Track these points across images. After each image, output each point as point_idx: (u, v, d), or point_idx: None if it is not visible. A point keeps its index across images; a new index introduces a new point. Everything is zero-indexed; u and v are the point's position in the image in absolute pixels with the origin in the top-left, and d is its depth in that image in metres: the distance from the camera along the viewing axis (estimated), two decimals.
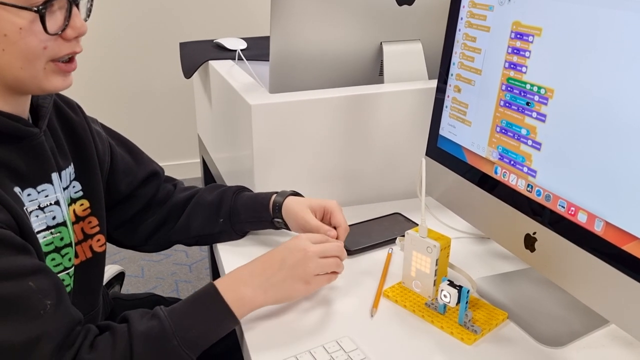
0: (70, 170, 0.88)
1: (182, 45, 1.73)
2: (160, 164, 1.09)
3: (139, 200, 1.02)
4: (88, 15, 0.80)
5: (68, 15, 0.74)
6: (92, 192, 0.91)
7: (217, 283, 0.79)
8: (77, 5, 0.76)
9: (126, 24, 2.96)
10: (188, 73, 1.56)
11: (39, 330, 0.68)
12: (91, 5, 0.80)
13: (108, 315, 1.06)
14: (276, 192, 1.02)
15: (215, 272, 1.81)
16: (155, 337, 0.73)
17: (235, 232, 1.03)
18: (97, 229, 0.93)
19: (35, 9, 0.70)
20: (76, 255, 0.89)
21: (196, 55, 1.57)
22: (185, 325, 0.75)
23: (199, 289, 0.80)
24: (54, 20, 0.73)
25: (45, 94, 0.83)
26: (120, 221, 1.02)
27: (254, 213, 1.01)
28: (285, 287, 0.80)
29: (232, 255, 1.00)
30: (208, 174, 1.74)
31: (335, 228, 0.95)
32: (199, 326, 0.75)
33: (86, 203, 0.91)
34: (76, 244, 0.89)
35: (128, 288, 2.35)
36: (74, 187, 0.89)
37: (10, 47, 0.71)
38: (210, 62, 1.47)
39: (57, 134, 0.87)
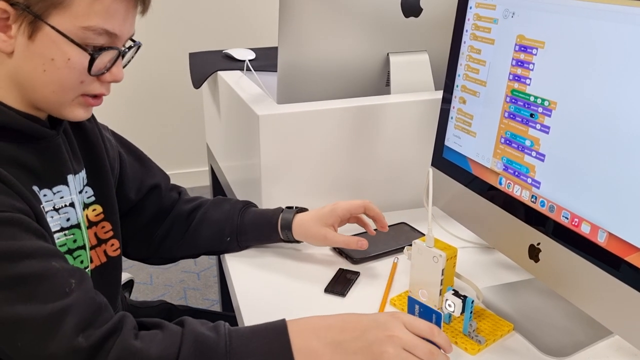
0: (83, 175, 0.89)
1: (192, 56, 1.75)
2: (170, 172, 1.10)
3: (146, 211, 1.03)
4: (127, 63, 0.84)
5: (112, 63, 0.79)
6: (104, 197, 0.92)
7: (290, 323, 0.74)
8: (123, 56, 0.81)
9: (136, 34, 2.99)
10: (197, 83, 1.58)
11: (64, 305, 0.68)
12: (133, 56, 0.84)
13: None
14: (282, 209, 1.02)
15: (223, 280, 1.82)
16: (207, 348, 0.71)
17: (241, 248, 1.05)
18: (111, 233, 0.94)
19: (90, 50, 0.75)
20: (91, 260, 0.90)
21: (205, 66, 1.59)
22: (241, 351, 0.72)
23: (270, 321, 0.76)
24: (99, 63, 0.77)
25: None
26: (133, 233, 1.03)
27: (261, 232, 1.02)
28: (354, 359, 0.72)
29: (240, 265, 1.02)
30: (216, 182, 1.75)
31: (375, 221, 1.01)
32: (254, 358, 0.72)
33: (99, 208, 0.92)
34: (90, 249, 0.90)
35: (137, 295, 2.37)
36: (86, 192, 0.90)
37: (52, 71, 0.75)
38: (219, 72, 1.49)
39: (71, 139, 0.89)
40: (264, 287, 0.96)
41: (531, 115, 0.79)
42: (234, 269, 1.00)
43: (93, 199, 0.91)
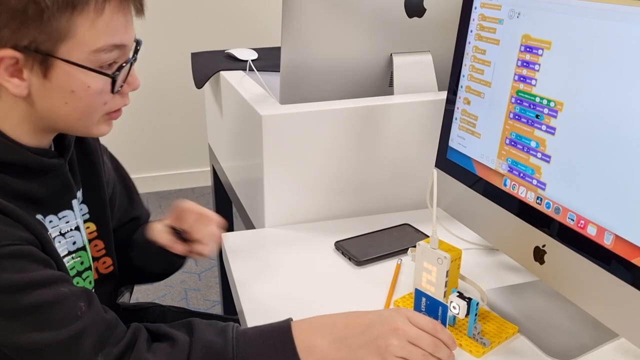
0: (79, 194, 0.89)
1: (194, 56, 1.74)
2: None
3: (118, 235, 1.01)
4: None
5: (127, 74, 0.78)
6: (98, 215, 0.92)
7: (295, 323, 0.76)
8: (134, 63, 0.80)
9: (138, 34, 2.99)
10: (199, 83, 1.58)
11: (79, 328, 0.70)
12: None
13: None
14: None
15: (225, 281, 1.81)
16: (214, 354, 0.73)
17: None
18: (103, 251, 0.93)
19: (111, 74, 0.75)
20: None
21: (207, 66, 1.58)
22: (247, 353, 0.73)
23: (276, 321, 0.78)
24: (119, 81, 0.77)
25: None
26: None
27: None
28: (359, 354, 0.73)
29: (243, 266, 1.01)
30: (218, 183, 1.75)
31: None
32: (260, 359, 0.74)
33: (92, 226, 0.91)
34: None
35: (137, 296, 2.36)
36: (81, 209, 0.90)
37: (75, 102, 0.74)
38: (222, 72, 1.48)
39: (72, 157, 0.88)
40: (267, 288, 0.95)
41: (537, 116, 0.79)
42: (237, 271, 1.00)
43: (87, 216, 0.91)
